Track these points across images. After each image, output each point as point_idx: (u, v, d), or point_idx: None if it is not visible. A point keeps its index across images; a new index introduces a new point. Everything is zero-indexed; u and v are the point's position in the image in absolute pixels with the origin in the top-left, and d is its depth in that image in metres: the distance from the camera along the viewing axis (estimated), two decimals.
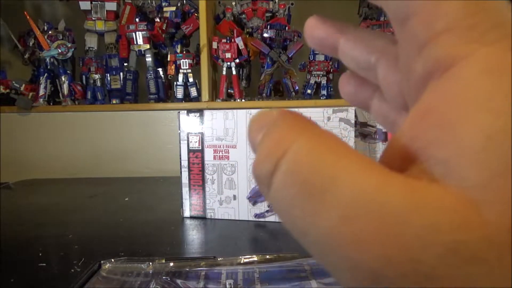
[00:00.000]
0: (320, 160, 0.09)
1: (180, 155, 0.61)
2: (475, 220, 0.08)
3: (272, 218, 0.59)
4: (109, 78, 1.12)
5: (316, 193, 0.09)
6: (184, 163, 0.61)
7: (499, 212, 0.07)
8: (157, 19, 1.08)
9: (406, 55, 0.10)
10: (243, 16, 1.09)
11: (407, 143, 0.10)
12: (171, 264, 0.42)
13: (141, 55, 1.09)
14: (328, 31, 0.14)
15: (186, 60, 1.06)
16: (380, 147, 0.58)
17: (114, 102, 1.11)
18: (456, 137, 0.08)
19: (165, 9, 1.11)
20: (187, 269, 0.41)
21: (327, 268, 0.09)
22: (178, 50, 1.08)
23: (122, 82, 1.11)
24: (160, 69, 1.13)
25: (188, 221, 0.60)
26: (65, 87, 1.09)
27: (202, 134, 0.60)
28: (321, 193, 0.09)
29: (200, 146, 0.60)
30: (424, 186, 0.08)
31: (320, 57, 1.06)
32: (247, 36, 1.09)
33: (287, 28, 1.06)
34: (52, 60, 1.08)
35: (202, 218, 0.61)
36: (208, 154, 0.60)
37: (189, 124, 0.60)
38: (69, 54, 1.08)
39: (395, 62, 0.12)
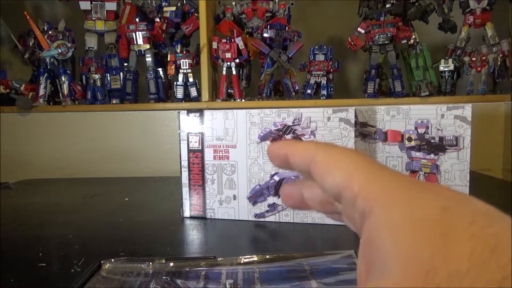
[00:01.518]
0: None
1: (180, 155, 0.61)
2: None
3: (272, 218, 0.59)
4: (109, 78, 1.12)
5: None
6: (184, 163, 0.61)
7: (412, 280, 0.12)
8: (157, 19, 1.08)
9: (348, 211, 0.17)
10: (243, 16, 1.09)
11: (363, 262, 0.16)
12: (171, 264, 0.42)
13: (141, 55, 1.09)
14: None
15: (186, 60, 1.06)
16: (380, 147, 0.58)
17: (114, 102, 1.12)
18: (381, 255, 0.14)
19: (165, 9, 1.11)
20: (187, 269, 0.41)
21: None
22: (178, 50, 1.08)
23: (122, 82, 1.12)
24: (160, 69, 1.13)
25: (188, 221, 0.60)
26: (65, 87, 1.09)
27: (202, 134, 0.60)
28: None
29: (200, 146, 0.60)
30: None
31: (320, 57, 1.06)
32: (247, 36, 1.09)
33: (287, 28, 1.06)
34: (52, 60, 1.09)
35: (202, 218, 0.61)
36: (208, 154, 0.60)
37: (189, 124, 0.60)
38: (69, 54, 1.08)
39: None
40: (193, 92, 1.08)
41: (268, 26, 1.04)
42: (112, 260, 0.42)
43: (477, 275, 0.11)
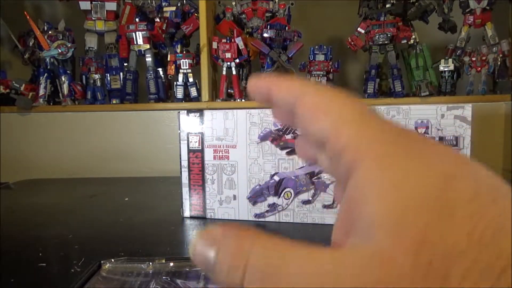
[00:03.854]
0: (272, 260, 0.12)
1: (180, 155, 0.61)
2: (387, 263, 0.11)
3: (272, 218, 0.59)
4: (109, 78, 1.12)
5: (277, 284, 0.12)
6: (184, 163, 0.61)
7: (401, 251, 0.11)
8: (157, 19, 1.07)
9: (333, 162, 0.15)
10: (243, 16, 1.09)
11: (342, 224, 0.15)
12: (171, 264, 0.42)
13: (141, 55, 1.09)
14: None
15: (186, 60, 1.06)
16: None
17: (114, 102, 1.11)
18: (365, 218, 0.12)
19: (165, 9, 1.11)
20: (187, 269, 0.41)
21: None
22: (178, 50, 1.08)
23: (122, 82, 1.11)
24: (160, 69, 1.13)
25: (188, 221, 0.60)
26: (65, 87, 1.09)
27: (202, 134, 0.60)
28: (279, 282, 0.12)
29: (200, 146, 0.60)
30: (344, 255, 0.12)
31: (320, 57, 1.06)
32: (247, 36, 1.09)
33: (287, 28, 1.06)
34: (52, 60, 1.08)
35: (202, 218, 0.61)
36: (208, 154, 0.60)
37: (189, 124, 0.60)
38: (69, 54, 1.08)
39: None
40: (193, 92, 1.08)
41: (268, 26, 1.04)
42: (112, 260, 0.42)
43: (475, 258, 0.10)
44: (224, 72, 1.07)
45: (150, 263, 0.42)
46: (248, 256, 0.13)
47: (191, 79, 1.08)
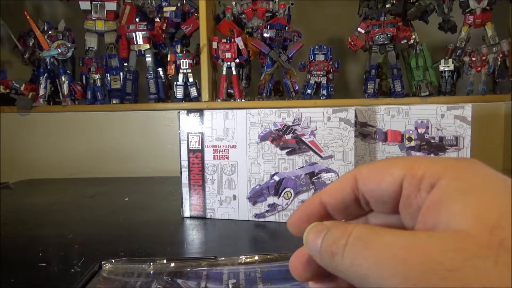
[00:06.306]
0: (371, 232, 0.16)
1: (180, 155, 0.61)
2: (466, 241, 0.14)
3: (272, 218, 0.59)
4: (109, 78, 1.12)
5: (369, 249, 0.15)
6: (184, 163, 0.61)
7: (480, 230, 0.14)
8: (157, 19, 1.07)
9: (407, 200, 0.18)
10: (243, 16, 1.09)
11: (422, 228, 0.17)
12: (172, 264, 0.42)
13: (141, 55, 1.09)
14: None
15: (186, 60, 1.06)
16: (380, 147, 0.58)
17: (114, 102, 1.11)
18: (448, 215, 0.15)
19: (165, 9, 1.11)
20: (188, 269, 0.41)
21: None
22: (178, 50, 1.08)
23: (122, 82, 1.11)
24: (160, 69, 1.13)
25: (188, 221, 0.60)
26: (65, 87, 1.09)
27: (202, 134, 0.60)
28: (372, 249, 0.15)
29: (200, 146, 0.60)
30: (434, 233, 0.15)
31: (320, 57, 1.06)
32: (247, 36, 1.09)
33: (287, 28, 1.06)
34: (52, 60, 1.08)
35: (202, 218, 0.61)
36: (208, 154, 0.60)
37: (189, 124, 0.60)
38: (69, 54, 1.08)
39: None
40: (193, 92, 1.08)
41: (268, 26, 1.04)
42: (113, 260, 0.42)
43: None
44: (224, 72, 1.07)
45: (151, 264, 0.42)
46: (351, 232, 0.16)
47: (191, 79, 1.08)
